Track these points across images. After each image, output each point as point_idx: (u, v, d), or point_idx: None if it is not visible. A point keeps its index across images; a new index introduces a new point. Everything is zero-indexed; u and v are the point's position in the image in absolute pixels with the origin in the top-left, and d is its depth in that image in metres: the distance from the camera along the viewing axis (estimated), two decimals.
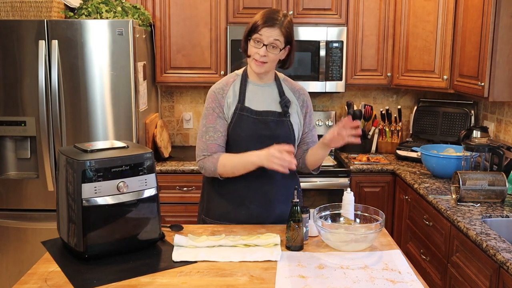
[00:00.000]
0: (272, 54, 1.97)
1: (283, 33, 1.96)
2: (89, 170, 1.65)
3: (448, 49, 3.21)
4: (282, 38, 1.96)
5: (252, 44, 1.98)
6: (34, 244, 3.05)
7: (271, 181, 2.06)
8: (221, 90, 2.07)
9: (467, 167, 2.79)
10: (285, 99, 2.08)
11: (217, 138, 2.03)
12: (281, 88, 2.11)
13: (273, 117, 2.05)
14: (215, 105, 2.05)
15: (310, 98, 2.20)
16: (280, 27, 1.95)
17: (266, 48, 1.95)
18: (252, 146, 2.00)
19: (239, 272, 1.64)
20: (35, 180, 3.03)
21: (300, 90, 2.16)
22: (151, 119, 3.42)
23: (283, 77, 2.17)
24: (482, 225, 2.17)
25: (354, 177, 3.30)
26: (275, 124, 2.05)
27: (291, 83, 2.17)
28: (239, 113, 2.03)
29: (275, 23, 1.94)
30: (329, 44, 3.43)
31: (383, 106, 3.90)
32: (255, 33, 1.95)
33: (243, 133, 2.03)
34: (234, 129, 2.03)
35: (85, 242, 1.68)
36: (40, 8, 2.97)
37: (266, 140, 2.00)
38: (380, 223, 1.88)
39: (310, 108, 2.17)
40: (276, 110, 2.07)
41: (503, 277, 1.84)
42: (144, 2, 3.43)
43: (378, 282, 1.58)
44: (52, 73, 2.91)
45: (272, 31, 1.94)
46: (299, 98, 2.14)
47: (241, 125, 2.03)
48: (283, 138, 2.03)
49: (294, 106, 2.11)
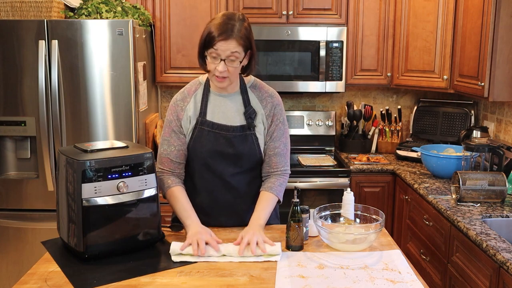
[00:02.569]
0: (232, 68, 1.82)
1: (241, 44, 1.79)
2: (89, 170, 1.65)
3: (448, 49, 3.21)
4: (240, 49, 1.80)
5: (209, 60, 1.82)
6: (34, 244, 3.05)
7: (237, 193, 2.00)
8: (181, 102, 1.97)
9: (467, 167, 2.79)
10: (250, 110, 1.94)
11: (169, 153, 1.96)
12: (246, 97, 1.96)
13: (235, 133, 1.93)
14: (172, 118, 1.97)
15: (282, 105, 2.02)
16: (237, 37, 1.78)
17: (224, 63, 1.80)
18: (212, 162, 1.94)
19: (239, 272, 1.64)
20: (35, 180, 3.03)
21: (268, 98, 1.99)
22: (151, 119, 3.42)
23: (251, 83, 2.00)
24: (482, 225, 2.17)
25: (354, 177, 3.30)
26: (239, 139, 1.93)
27: (260, 89, 2.00)
28: (200, 127, 1.93)
29: (230, 35, 1.77)
30: (329, 44, 3.43)
31: (383, 106, 3.90)
32: (210, 48, 1.79)
33: (203, 149, 1.93)
34: (194, 145, 1.94)
35: (85, 242, 1.68)
36: (40, 8, 2.97)
37: (227, 156, 1.94)
38: (380, 223, 1.88)
39: (279, 116, 1.99)
40: (239, 123, 1.94)
41: (503, 277, 1.85)
42: (144, 2, 3.43)
43: (378, 282, 1.58)
44: (52, 73, 2.91)
45: (228, 44, 1.77)
46: (266, 107, 1.97)
47: (201, 140, 1.93)
48: (247, 155, 1.95)
49: (260, 115, 1.96)
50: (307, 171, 3.27)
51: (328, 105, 3.93)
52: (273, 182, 1.98)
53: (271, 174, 2.01)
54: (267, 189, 1.97)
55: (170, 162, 1.97)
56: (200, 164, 1.97)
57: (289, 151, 2.03)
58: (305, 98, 3.91)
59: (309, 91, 3.51)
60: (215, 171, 1.97)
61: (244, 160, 1.96)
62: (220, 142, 1.94)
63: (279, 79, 3.46)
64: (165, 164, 1.97)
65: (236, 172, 1.97)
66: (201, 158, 1.96)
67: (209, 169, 1.97)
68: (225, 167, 1.96)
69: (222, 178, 1.98)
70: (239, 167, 1.97)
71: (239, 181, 1.99)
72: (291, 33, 3.42)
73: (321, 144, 3.80)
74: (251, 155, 1.96)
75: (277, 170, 2.00)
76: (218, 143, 1.93)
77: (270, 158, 2.00)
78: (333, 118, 3.79)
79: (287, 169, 2.03)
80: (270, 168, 2.01)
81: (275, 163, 2.00)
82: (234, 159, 1.95)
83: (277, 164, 2.00)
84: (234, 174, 1.97)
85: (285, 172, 2.02)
